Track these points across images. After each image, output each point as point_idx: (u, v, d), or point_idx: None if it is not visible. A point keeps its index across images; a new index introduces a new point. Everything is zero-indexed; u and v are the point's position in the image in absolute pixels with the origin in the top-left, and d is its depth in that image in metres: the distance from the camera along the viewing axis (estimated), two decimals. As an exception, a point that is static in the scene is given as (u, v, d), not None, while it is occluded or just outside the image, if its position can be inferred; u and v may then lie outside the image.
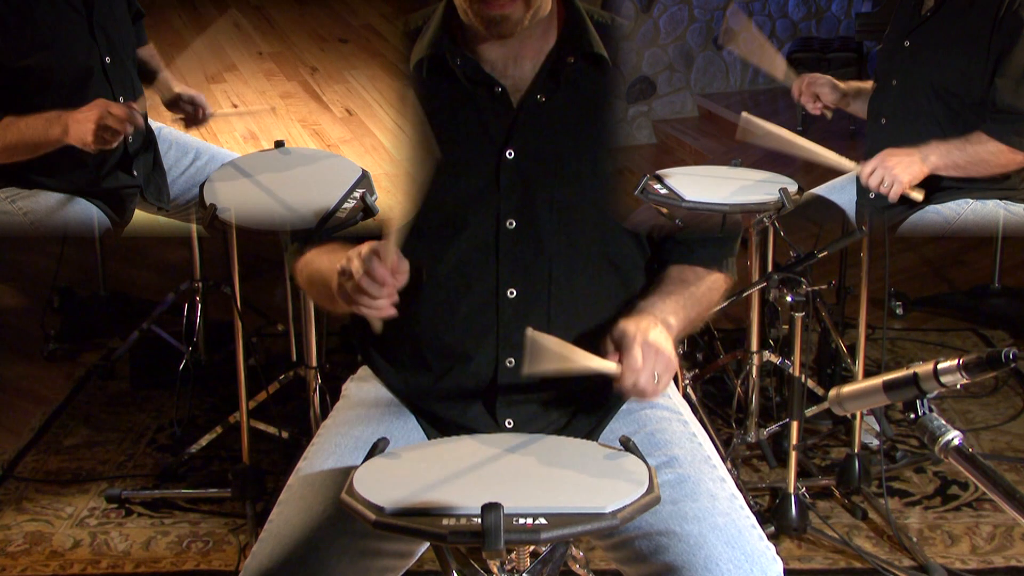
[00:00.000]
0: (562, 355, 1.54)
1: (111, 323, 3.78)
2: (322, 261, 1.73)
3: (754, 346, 2.85)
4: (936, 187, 2.45)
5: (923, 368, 1.32)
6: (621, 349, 1.56)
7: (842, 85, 2.60)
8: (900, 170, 2.34)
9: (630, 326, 1.57)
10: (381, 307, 1.51)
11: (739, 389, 2.93)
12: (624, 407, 1.76)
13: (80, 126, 2.25)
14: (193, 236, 3.25)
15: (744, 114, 2.36)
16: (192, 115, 2.67)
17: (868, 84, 2.63)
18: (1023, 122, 2.33)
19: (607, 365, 1.55)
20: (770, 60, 2.60)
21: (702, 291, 1.76)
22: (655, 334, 1.57)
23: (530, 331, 1.52)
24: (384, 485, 1.40)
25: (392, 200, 1.91)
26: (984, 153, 2.36)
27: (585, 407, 1.74)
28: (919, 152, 2.37)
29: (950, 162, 2.37)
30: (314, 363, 2.71)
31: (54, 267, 3.72)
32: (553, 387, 1.70)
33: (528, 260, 1.69)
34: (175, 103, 2.67)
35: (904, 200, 2.40)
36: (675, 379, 1.82)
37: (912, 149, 2.38)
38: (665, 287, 1.74)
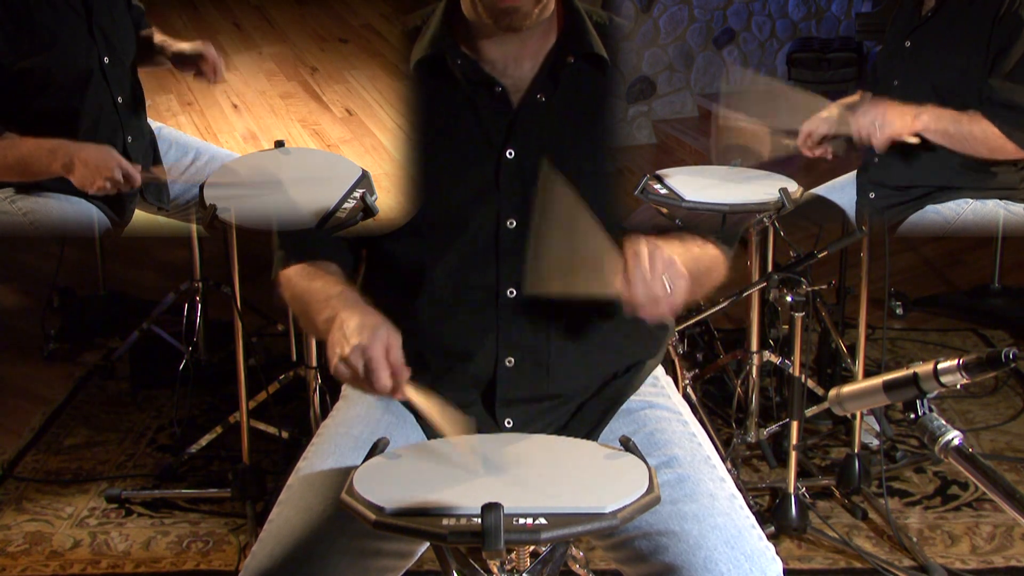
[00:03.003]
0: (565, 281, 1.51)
1: (111, 323, 3.78)
2: (306, 288, 1.70)
3: (754, 346, 2.85)
4: (936, 187, 2.45)
5: (923, 368, 1.31)
6: (628, 255, 1.48)
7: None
8: (893, 115, 2.36)
9: (639, 240, 1.50)
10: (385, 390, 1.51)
11: (739, 389, 2.93)
12: (624, 407, 1.76)
13: (88, 175, 2.25)
14: (193, 236, 3.25)
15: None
16: (205, 71, 2.58)
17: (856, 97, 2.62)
18: (1020, 115, 2.34)
19: (612, 288, 1.48)
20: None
21: (707, 256, 1.73)
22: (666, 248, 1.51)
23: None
24: (384, 485, 1.40)
25: (392, 200, 1.91)
26: (976, 131, 2.37)
27: (585, 407, 1.74)
28: (913, 109, 2.38)
29: (940, 127, 2.38)
30: (314, 363, 2.71)
31: (54, 267, 3.72)
32: (553, 387, 1.70)
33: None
34: (183, 62, 2.61)
35: (907, 189, 2.40)
36: (675, 379, 1.82)
37: (908, 106, 2.39)
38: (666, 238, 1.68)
